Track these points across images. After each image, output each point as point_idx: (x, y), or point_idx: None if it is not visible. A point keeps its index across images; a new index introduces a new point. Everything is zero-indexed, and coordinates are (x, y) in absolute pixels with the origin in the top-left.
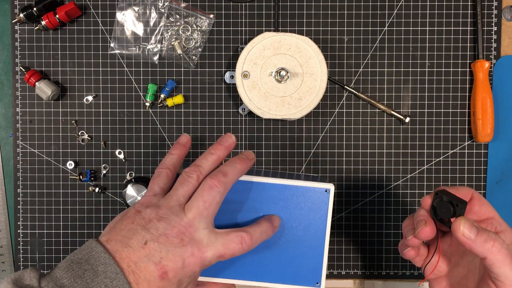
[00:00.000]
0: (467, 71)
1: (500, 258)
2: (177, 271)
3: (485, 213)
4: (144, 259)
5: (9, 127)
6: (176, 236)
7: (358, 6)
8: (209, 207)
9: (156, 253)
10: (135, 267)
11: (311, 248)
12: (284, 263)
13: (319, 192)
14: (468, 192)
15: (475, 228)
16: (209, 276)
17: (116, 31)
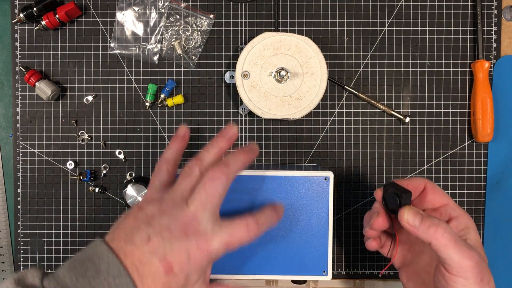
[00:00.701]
0: (467, 71)
1: (444, 242)
2: (182, 265)
3: (439, 201)
4: (147, 255)
5: (9, 127)
6: (180, 230)
7: (358, 6)
8: (212, 199)
9: (160, 248)
10: (139, 264)
11: (315, 237)
12: (290, 254)
13: (318, 181)
14: (421, 182)
15: (419, 215)
16: (216, 273)
17: (116, 31)
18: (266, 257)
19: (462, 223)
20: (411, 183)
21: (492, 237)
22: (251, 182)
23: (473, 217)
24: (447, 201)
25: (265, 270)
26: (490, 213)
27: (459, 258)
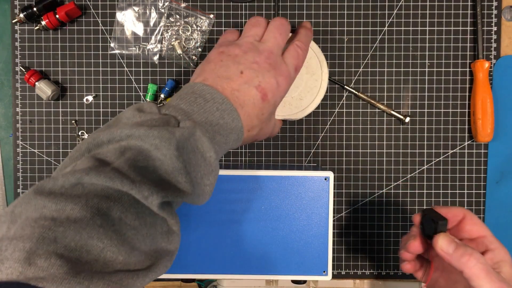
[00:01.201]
0: (467, 71)
1: (476, 272)
2: (274, 92)
3: (477, 232)
4: (244, 86)
5: (9, 127)
6: (265, 62)
7: (358, 6)
8: (282, 38)
9: (254, 78)
10: (238, 93)
11: (315, 237)
12: (290, 254)
13: (318, 181)
14: (460, 211)
15: (454, 243)
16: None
17: (116, 31)
18: (266, 257)
19: (498, 256)
20: (450, 212)
21: None
22: (251, 182)
23: None
24: (485, 233)
25: (265, 270)
26: (490, 213)
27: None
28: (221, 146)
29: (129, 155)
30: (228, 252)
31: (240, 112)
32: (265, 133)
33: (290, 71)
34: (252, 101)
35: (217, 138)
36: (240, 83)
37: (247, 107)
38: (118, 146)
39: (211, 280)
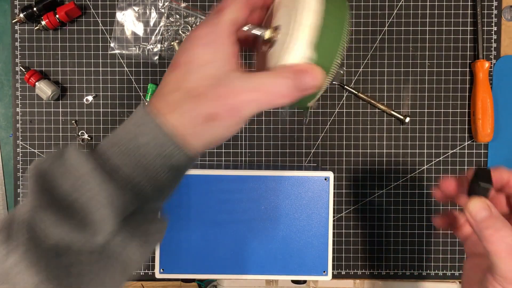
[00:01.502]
0: (467, 71)
1: (497, 248)
2: (182, 49)
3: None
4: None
5: (9, 127)
6: None
7: (358, 6)
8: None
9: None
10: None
11: (315, 237)
12: (290, 254)
13: (318, 181)
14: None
15: (486, 211)
16: (217, 273)
17: (116, 31)
18: (266, 257)
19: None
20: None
21: None
22: (251, 182)
23: None
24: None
25: (265, 270)
26: None
27: (505, 270)
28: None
29: None
30: (228, 252)
31: (150, 102)
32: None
33: (207, 18)
34: (164, 79)
35: (114, 149)
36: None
37: (160, 90)
38: None
39: (211, 280)
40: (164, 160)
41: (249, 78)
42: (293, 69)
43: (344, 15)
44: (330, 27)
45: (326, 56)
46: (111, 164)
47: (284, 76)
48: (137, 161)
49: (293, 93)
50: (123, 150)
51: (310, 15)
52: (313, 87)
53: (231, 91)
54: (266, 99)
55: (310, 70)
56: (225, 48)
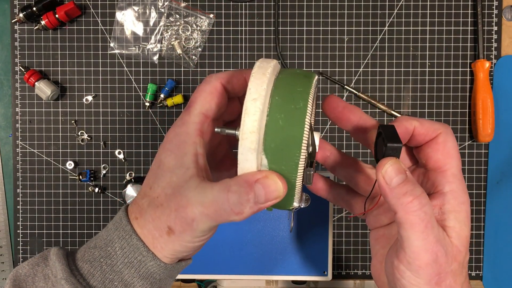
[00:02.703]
0: (467, 71)
1: (412, 219)
2: (156, 158)
3: (436, 163)
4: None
5: (8, 127)
6: None
7: (358, 6)
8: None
9: None
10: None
11: (315, 237)
12: (290, 254)
13: None
14: (436, 129)
15: (402, 175)
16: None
17: (116, 31)
18: (266, 257)
19: (450, 204)
20: (422, 127)
21: (493, 237)
22: None
23: (474, 217)
24: (447, 168)
25: (265, 271)
26: (491, 213)
27: (419, 247)
28: (101, 259)
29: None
30: (228, 252)
31: (129, 209)
32: (175, 206)
33: (179, 117)
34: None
35: (91, 252)
36: None
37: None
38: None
39: (211, 280)
40: (136, 269)
41: (203, 190)
42: (240, 181)
43: (300, 108)
44: (277, 128)
45: (282, 160)
46: (83, 270)
47: (232, 190)
48: (108, 269)
49: (243, 207)
50: (96, 256)
51: (250, 119)
52: (269, 197)
53: (185, 204)
54: (217, 216)
55: (262, 178)
56: (189, 152)
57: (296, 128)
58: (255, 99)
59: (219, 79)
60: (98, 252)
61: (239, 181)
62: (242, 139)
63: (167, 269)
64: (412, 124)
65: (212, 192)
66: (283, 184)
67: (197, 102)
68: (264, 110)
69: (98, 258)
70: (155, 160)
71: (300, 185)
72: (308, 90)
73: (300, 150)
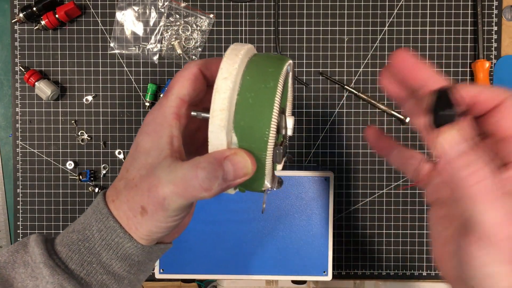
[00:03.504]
0: (467, 71)
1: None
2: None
3: (507, 130)
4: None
5: (8, 127)
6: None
7: (358, 6)
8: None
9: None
10: None
11: (315, 237)
12: (290, 254)
13: (319, 181)
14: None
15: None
16: (217, 273)
17: (116, 31)
18: (266, 257)
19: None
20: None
21: None
22: None
23: None
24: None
25: (265, 270)
26: None
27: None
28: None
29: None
30: (228, 252)
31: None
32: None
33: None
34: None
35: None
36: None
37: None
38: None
39: (211, 280)
40: (113, 250)
41: (174, 169)
42: (210, 158)
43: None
44: (247, 106)
45: (251, 138)
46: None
47: (201, 167)
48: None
49: (212, 184)
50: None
51: (220, 96)
52: (238, 174)
53: (156, 183)
54: (186, 193)
55: (231, 155)
56: (164, 134)
57: (265, 107)
58: (225, 78)
59: (197, 65)
60: (76, 235)
61: (208, 158)
62: (213, 117)
63: (144, 250)
64: (471, 91)
65: (182, 170)
66: (251, 161)
67: (175, 87)
68: (235, 89)
69: (76, 242)
70: (133, 144)
71: (270, 164)
72: (280, 71)
73: (269, 128)
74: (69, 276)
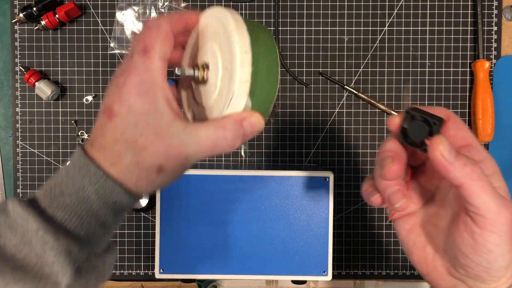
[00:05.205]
0: (467, 71)
1: (480, 185)
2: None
3: (462, 139)
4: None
5: (8, 127)
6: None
7: (358, 6)
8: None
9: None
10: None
11: (315, 237)
12: (290, 254)
13: (319, 181)
14: (444, 113)
15: (454, 149)
16: (217, 273)
17: (116, 31)
18: (266, 257)
19: (489, 168)
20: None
21: None
22: (251, 182)
23: None
24: (471, 141)
25: (265, 270)
26: None
27: (496, 207)
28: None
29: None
30: (228, 252)
31: (91, 153)
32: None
33: (134, 61)
34: (101, 130)
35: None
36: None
37: (97, 140)
38: None
39: (211, 280)
40: (111, 207)
41: (195, 130)
42: (234, 119)
43: (274, 59)
44: (262, 76)
45: (262, 101)
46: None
47: (227, 128)
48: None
49: (237, 141)
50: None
51: (245, 69)
52: (254, 132)
53: (176, 144)
54: (213, 150)
55: (249, 117)
56: (162, 96)
57: (274, 76)
58: (246, 51)
59: (168, 23)
60: (69, 199)
61: (231, 120)
62: (240, 87)
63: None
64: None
65: (207, 131)
66: (262, 120)
67: (155, 47)
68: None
69: (71, 204)
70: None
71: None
72: (274, 42)
73: (276, 92)
74: (73, 239)
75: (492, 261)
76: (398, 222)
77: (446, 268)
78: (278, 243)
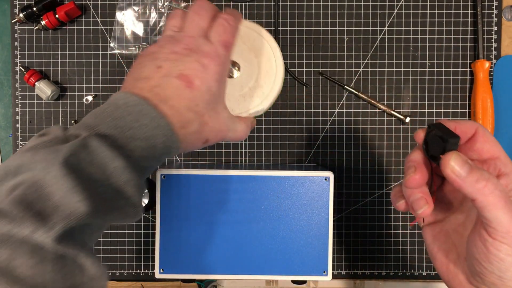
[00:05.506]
0: (467, 71)
1: (492, 200)
2: (201, 76)
3: (489, 152)
4: (164, 79)
5: (8, 127)
6: (184, 49)
7: (358, 6)
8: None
9: (174, 68)
10: (158, 89)
11: (315, 237)
12: (290, 254)
13: (319, 181)
14: (472, 126)
15: (467, 165)
16: (217, 273)
17: (116, 31)
18: (266, 257)
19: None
20: (459, 126)
21: None
22: (251, 182)
23: None
24: (499, 154)
25: (265, 270)
26: None
27: (508, 221)
28: (145, 152)
29: (19, 191)
30: (228, 252)
31: (162, 108)
32: (218, 129)
33: (217, 49)
34: (176, 93)
35: (132, 144)
36: (158, 78)
37: (171, 100)
38: (12, 184)
39: (211, 280)
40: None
41: (237, 122)
42: (252, 121)
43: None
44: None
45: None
46: (135, 156)
47: (249, 127)
48: (150, 157)
49: (248, 133)
50: (142, 146)
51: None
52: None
53: (224, 129)
54: (238, 139)
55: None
56: (224, 88)
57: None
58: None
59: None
60: (141, 143)
61: (252, 122)
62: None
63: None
64: (452, 126)
65: (242, 125)
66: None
67: (233, 46)
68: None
69: (144, 148)
70: (200, 81)
71: None
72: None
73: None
74: (142, 173)
75: (504, 270)
76: (426, 229)
77: (466, 276)
78: (278, 243)
